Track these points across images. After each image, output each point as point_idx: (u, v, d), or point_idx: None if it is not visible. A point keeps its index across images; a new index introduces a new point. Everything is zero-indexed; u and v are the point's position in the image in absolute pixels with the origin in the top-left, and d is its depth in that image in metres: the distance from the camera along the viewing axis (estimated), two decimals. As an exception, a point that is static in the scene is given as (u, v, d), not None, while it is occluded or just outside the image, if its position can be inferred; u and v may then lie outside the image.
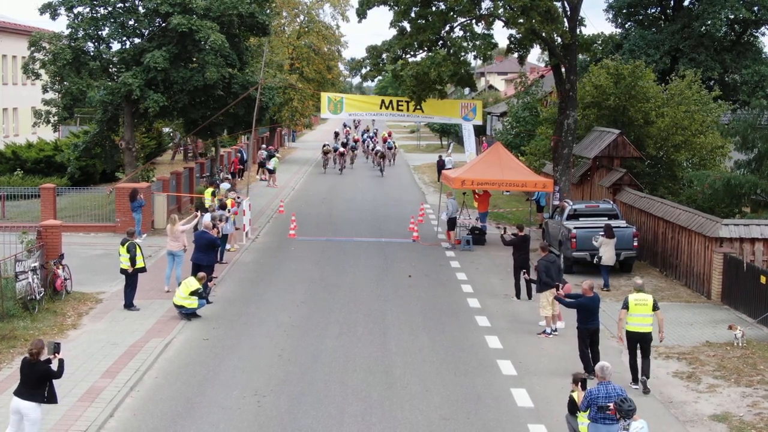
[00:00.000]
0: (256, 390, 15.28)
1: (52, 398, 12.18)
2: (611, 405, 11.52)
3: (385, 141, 63.71)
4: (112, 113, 33.64)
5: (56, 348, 12.19)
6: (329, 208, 38.83)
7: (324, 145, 56.11)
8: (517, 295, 22.35)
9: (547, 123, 37.78)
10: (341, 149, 55.22)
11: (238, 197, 29.87)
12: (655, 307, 15.72)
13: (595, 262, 24.02)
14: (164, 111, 34.09)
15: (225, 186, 32.17)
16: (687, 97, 32.08)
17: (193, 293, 19.70)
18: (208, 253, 21.68)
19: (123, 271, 20.59)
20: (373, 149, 59.92)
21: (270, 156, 49.16)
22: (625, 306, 15.82)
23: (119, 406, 14.39)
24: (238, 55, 34.90)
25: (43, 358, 12.19)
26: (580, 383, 12.55)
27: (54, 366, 12.13)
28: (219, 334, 18.89)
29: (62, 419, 13.57)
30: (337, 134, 71.68)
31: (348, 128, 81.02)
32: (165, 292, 21.79)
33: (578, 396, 12.42)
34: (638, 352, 15.81)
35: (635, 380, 15.91)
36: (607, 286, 23.26)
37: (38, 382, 11.96)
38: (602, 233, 23.47)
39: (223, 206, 27.06)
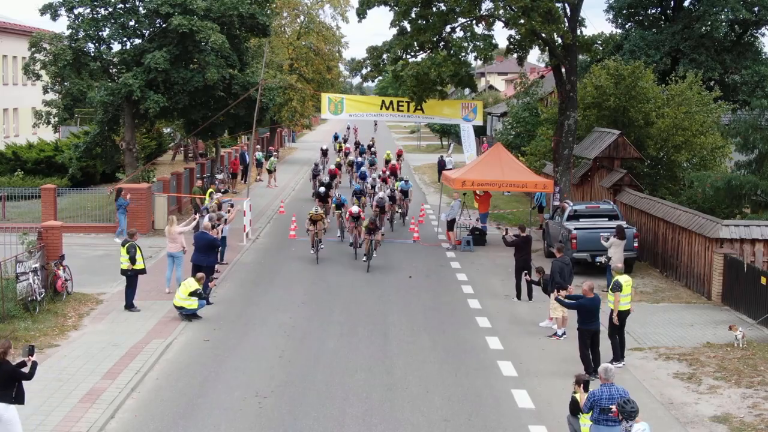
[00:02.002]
0: (257, 391, 15.29)
1: (19, 399, 12.12)
2: (614, 407, 11.52)
3: (393, 173, 40.66)
4: (112, 114, 33.65)
5: (30, 350, 12.19)
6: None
7: (317, 200, 32.15)
8: (518, 296, 22.36)
9: (548, 123, 37.81)
10: (353, 210, 27.76)
11: (228, 201, 29.44)
12: None
13: (602, 262, 23.84)
14: (165, 112, 34.10)
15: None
16: (687, 98, 32.08)
17: (192, 294, 19.71)
18: (207, 254, 21.68)
19: (123, 272, 20.62)
20: (372, 191, 35.09)
21: (268, 156, 49.23)
22: (619, 288, 16.99)
23: (120, 407, 14.39)
24: (239, 56, 34.92)
25: (17, 360, 12.18)
26: (582, 384, 12.56)
27: (28, 368, 12.10)
28: (220, 335, 18.90)
29: (63, 420, 13.57)
30: (325, 152, 51.99)
31: (341, 142, 60.43)
32: (166, 293, 21.79)
33: (581, 397, 12.43)
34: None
35: (620, 358, 16.94)
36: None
37: (6, 382, 11.94)
38: (614, 234, 23.35)
39: (219, 207, 27.04)
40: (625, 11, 43.56)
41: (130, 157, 34.29)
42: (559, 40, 29.46)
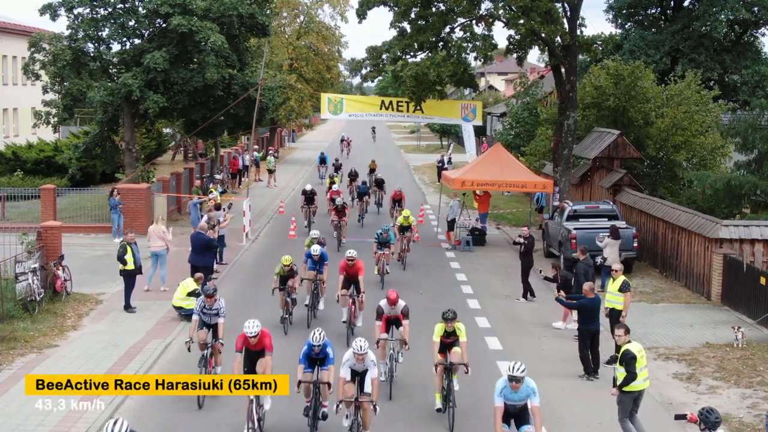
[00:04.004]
0: (257, 391, 15.22)
1: None
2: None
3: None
4: (112, 114, 33.66)
5: None
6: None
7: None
8: (525, 296, 22.42)
9: (547, 123, 37.79)
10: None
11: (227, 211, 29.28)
12: None
13: (598, 263, 23.91)
14: (164, 112, 34.09)
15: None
16: (687, 98, 32.07)
17: (190, 294, 19.71)
18: (204, 254, 21.65)
19: (121, 272, 20.62)
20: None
21: (265, 156, 49.29)
22: (628, 288, 17.12)
23: (119, 407, 14.38)
24: (238, 56, 34.91)
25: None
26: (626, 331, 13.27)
27: None
28: (219, 335, 18.86)
29: (62, 420, 13.57)
30: (310, 197, 32.02)
31: (332, 176, 38.88)
32: (144, 290, 21.79)
33: (633, 348, 12.93)
34: None
35: None
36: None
37: None
38: (608, 234, 23.41)
39: (218, 207, 27.05)
40: (624, 11, 43.53)
41: (130, 157, 34.29)
42: (559, 40, 29.46)
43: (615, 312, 17.15)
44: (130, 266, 20.33)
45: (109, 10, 33.06)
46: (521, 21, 28.25)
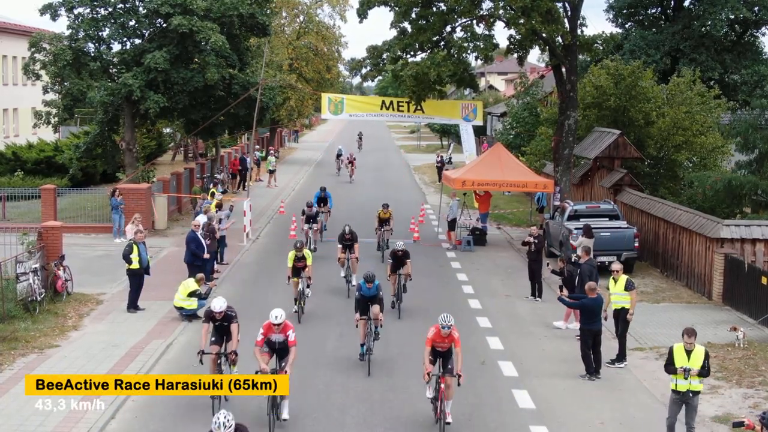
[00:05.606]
0: (257, 391, 15.20)
1: None
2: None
3: None
4: (112, 114, 33.63)
5: None
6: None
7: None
8: (535, 294, 22.40)
9: (548, 123, 37.78)
10: None
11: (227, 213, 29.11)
12: None
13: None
14: (164, 112, 34.06)
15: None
16: (688, 98, 32.05)
17: (191, 294, 19.69)
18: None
19: (127, 271, 20.60)
20: None
21: (266, 156, 49.26)
22: (633, 287, 17.16)
23: (120, 408, 14.36)
24: (239, 56, 34.89)
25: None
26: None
27: None
28: (220, 335, 18.84)
29: (63, 421, 13.55)
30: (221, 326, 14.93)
31: (300, 242, 20.78)
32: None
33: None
34: None
35: (623, 358, 17.21)
36: None
37: None
38: (581, 233, 23.48)
39: (219, 206, 27.03)
40: (625, 11, 43.53)
41: (130, 157, 34.27)
42: (560, 40, 29.43)
43: (623, 311, 17.06)
44: (135, 266, 20.29)
45: (110, 10, 33.02)
46: (522, 21, 28.22)
